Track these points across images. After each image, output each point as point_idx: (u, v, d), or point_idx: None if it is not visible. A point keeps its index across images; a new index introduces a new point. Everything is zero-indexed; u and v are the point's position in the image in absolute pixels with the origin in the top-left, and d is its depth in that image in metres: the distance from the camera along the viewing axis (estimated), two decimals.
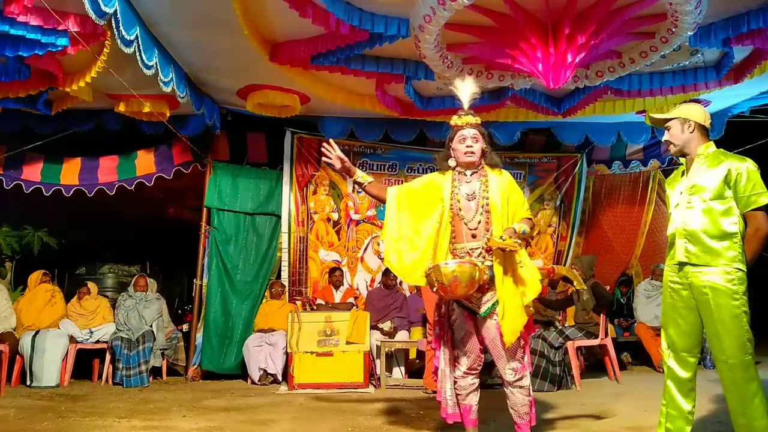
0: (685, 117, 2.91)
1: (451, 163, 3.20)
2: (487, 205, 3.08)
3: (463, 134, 3.15)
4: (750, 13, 4.20)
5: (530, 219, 3.19)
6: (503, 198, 3.09)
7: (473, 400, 3.18)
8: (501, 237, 2.92)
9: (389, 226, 3.18)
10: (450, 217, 3.11)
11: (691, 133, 2.90)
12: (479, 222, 3.08)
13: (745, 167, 2.75)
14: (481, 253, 3.04)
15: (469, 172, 3.16)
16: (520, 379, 3.09)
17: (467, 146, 3.12)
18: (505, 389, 3.16)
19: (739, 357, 2.66)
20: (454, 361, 3.22)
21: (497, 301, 3.02)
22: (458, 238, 3.10)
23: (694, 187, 2.84)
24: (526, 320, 3.04)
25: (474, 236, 3.07)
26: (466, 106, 3.23)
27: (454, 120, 3.19)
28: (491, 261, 3.02)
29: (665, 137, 3.01)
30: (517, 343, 3.05)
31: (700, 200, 2.81)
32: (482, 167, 3.19)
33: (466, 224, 3.08)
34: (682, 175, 2.97)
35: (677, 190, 2.97)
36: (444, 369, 3.25)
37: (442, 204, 3.13)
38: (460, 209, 3.09)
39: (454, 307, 3.17)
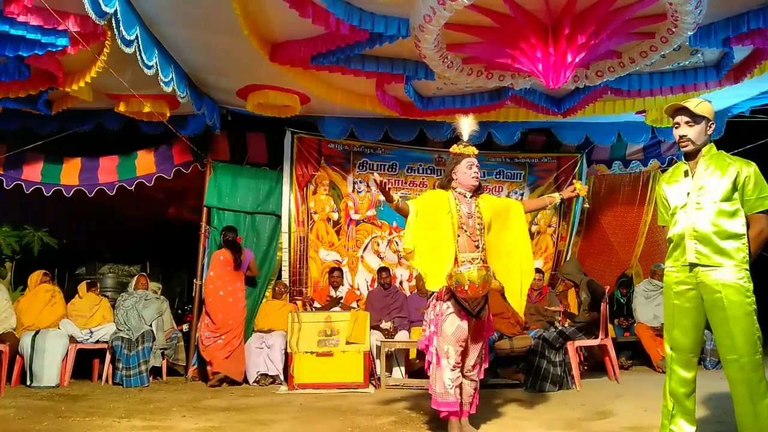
0: (708, 117, 2.88)
1: (453, 185, 3.65)
2: (482, 223, 3.60)
3: (471, 161, 3.64)
4: (750, 13, 4.19)
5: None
6: (490, 220, 3.66)
7: (457, 393, 3.51)
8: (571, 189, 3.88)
9: (414, 234, 3.55)
10: (458, 231, 3.53)
11: (709, 134, 2.90)
12: (478, 236, 3.55)
13: (753, 171, 2.80)
14: (480, 261, 3.51)
15: (469, 194, 3.64)
16: (476, 372, 3.67)
17: (475, 173, 3.63)
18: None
19: (750, 355, 2.67)
20: (445, 355, 3.54)
21: (487, 307, 3.63)
22: (463, 248, 3.52)
23: (703, 188, 2.82)
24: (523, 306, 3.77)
25: (477, 247, 3.54)
26: (466, 138, 3.69)
27: (465, 150, 3.65)
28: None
29: (683, 132, 2.88)
30: (485, 344, 3.72)
31: (710, 201, 2.79)
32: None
33: (469, 236, 3.53)
34: (686, 175, 2.91)
35: (681, 190, 2.91)
36: (436, 363, 3.56)
37: (450, 219, 3.54)
38: (463, 224, 3.54)
39: (449, 305, 3.52)
